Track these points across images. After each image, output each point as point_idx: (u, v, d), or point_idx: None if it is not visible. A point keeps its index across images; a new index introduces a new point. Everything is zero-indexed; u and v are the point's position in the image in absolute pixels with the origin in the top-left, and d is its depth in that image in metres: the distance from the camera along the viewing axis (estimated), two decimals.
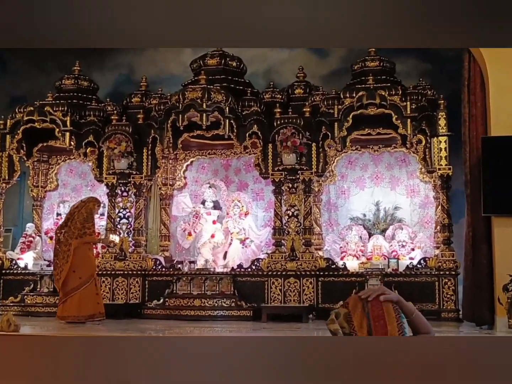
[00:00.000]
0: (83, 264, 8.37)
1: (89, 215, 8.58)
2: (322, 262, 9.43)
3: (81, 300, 8.19)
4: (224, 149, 10.98)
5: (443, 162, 9.15)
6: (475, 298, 7.66)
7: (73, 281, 8.26)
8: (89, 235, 8.51)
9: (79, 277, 8.28)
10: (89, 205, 8.64)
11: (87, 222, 8.50)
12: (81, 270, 8.32)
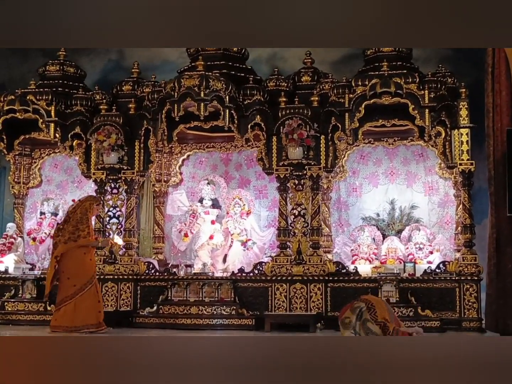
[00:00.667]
0: (78, 271, 8.36)
1: (84, 215, 8.56)
2: (331, 266, 9.45)
3: (76, 309, 8.22)
4: (224, 142, 10.99)
5: (465, 156, 9.16)
6: (499, 306, 7.69)
7: (67, 289, 8.30)
8: (83, 237, 8.47)
9: (74, 285, 8.29)
10: (84, 205, 8.64)
11: (81, 224, 8.50)
12: (76, 277, 8.33)
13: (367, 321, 2.50)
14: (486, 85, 8.03)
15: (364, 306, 2.56)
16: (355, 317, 2.53)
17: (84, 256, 8.47)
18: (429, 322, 8.73)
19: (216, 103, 9.48)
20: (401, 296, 8.93)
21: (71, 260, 8.38)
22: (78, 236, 8.44)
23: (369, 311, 2.54)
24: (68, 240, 8.43)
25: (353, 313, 2.55)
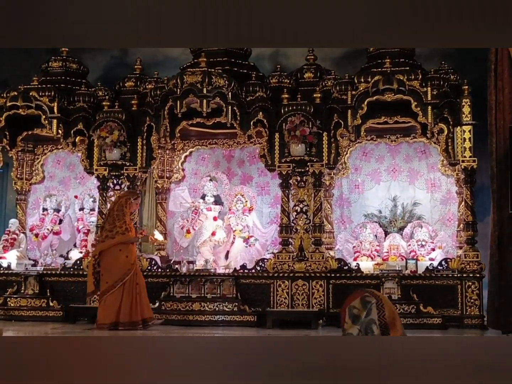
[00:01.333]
0: (110, 267, 8.34)
1: (120, 212, 8.49)
2: (334, 263, 9.44)
3: (105, 307, 8.22)
4: (226, 138, 10.98)
5: (467, 153, 9.15)
6: (501, 303, 7.67)
7: (102, 286, 8.33)
8: (121, 233, 8.39)
9: (106, 282, 8.29)
10: (121, 201, 8.59)
11: (118, 220, 8.43)
12: (108, 274, 8.32)
13: (373, 322, 2.47)
14: (489, 82, 8.00)
15: (374, 303, 2.52)
16: (365, 312, 2.49)
17: (119, 253, 8.37)
18: (431, 319, 8.73)
19: (218, 99, 9.47)
20: (403, 293, 8.92)
21: (106, 257, 8.35)
22: (116, 233, 8.37)
23: (378, 311, 2.51)
24: (105, 238, 8.39)
25: (364, 307, 2.51)
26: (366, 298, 2.53)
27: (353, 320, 2.50)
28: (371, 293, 2.56)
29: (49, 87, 10.54)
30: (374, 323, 2.45)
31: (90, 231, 10.92)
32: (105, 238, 8.40)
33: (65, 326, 9.08)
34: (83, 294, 9.91)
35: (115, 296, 8.23)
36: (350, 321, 2.52)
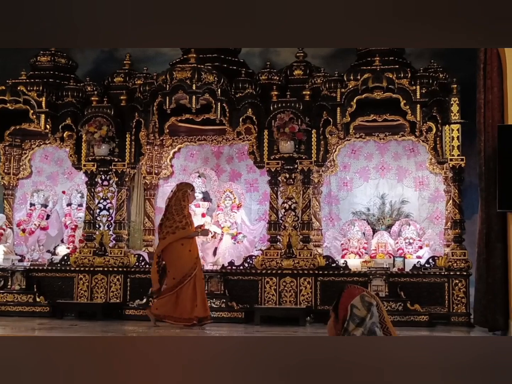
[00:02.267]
0: (176, 263, 8.23)
1: (179, 206, 8.36)
2: (322, 260, 9.45)
3: (178, 301, 8.10)
4: (215, 135, 10.97)
5: (455, 152, 9.17)
6: (488, 301, 7.71)
7: (168, 282, 8.21)
8: (182, 228, 8.27)
9: (173, 278, 8.17)
10: (177, 195, 8.43)
11: (177, 215, 8.31)
12: (174, 270, 8.21)
13: (375, 324, 2.46)
14: (478, 81, 8.03)
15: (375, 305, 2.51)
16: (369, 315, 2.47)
17: (182, 248, 8.26)
18: (418, 316, 8.75)
19: (208, 96, 9.46)
20: (390, 290, 8.94)
21: (170, 253, 8.24)
22: (176, 228, 8.25)
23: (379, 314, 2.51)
24: (166, 234, 8.27)
25: (365, 307, 2.48)
26: (365, 298, 2.50)
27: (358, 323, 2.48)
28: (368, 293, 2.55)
29: (37, 81, 10.48)
30: (376, 326, 2.44)
31: (78, 227, 10.88)
32: (166, 235, 8.26)
33: (52, 321, 9.02)
34: (70, 289, 9.92)
35: (185, 291, 8.13)
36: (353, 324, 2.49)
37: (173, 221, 8.28)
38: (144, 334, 7.74)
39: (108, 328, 8.25)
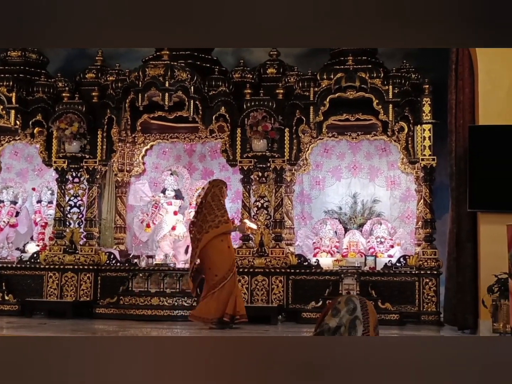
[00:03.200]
0: (217, 260, 8.02)
1: (218, 201, 8.19)
2: (293, 259, 9.46)
3: (218, 300, 7.88)
4: (188, 132, 10.90)
5: (427, 152, 9.23)
6: (458, 300, 7.78)
7: (210, 280, 7.99)
8: (225, 223, 8.10)
9: (215, 275, 7.95)
10: (214, 191, 8.24)
11: (218, 210, 8.11)
12: (215, 267, 7.99)
13: (357, 319, 2.48)
14: (450, 82, 8.10)
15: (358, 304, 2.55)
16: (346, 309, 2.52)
17: (222, 244, 8.07)
18: (388, 315, 8.80)
19: (181, 93, 9.41)
20: (361, 289, 8.96)
21: (209, 249, 8.01)
22: (219, 222, 8.03)
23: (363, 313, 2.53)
24: (209, 228, 8.02)
25: (346, 305, 2.53)
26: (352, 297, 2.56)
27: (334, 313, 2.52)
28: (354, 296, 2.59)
29: (7, 77, 10.32)
30: (358, 319, 2.46)
31: (48, 224, 10.74)
32: (209, 229, 8.00)
33: (21, 320, 8.91)
34: (40, 287, 9.80)
35: (226, 288, 7.96)
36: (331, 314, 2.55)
37: (214, 216, 8.06)
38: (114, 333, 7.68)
39: (78, 327, 8.16)
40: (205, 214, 8.10)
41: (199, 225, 8.08)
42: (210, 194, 8.20)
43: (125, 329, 7.91)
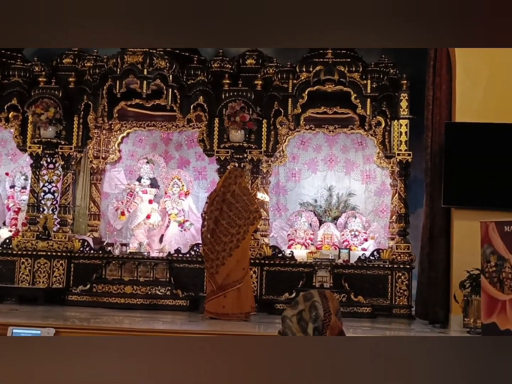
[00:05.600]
0: (246, 252, 8.01)
1: (248, 193, 8.20)
2: (268, 250, 9.48)
3: (246, 293, 7.84)
4: (165, 121, 10.85)
5: (403, 147, 9.29)
6: (429, 294, 7.86)
7: (236, 273, 7.84)
8: (259, 218, 8.15)
9: (243, 268, 7.89)
10: (241, 182, 8.16)
11: (252, 205, 8.03)
12: (244, 260, 7.96)
13: (316, 302, 2.51)
14: (427, 78, 8.15)
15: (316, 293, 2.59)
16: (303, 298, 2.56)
17: (249, 237, 8.14)
18: (361, 308, 8.86)
19: (159, 81, 9.36)
20: (335, 281, 9.01)
21: (246, 242, 7.99)
22: (254, 219, 7.97)
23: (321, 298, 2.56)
24: (247, 224, 7.92)
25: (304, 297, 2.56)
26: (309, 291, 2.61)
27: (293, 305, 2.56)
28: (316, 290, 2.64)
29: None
30: (317, 302, 2.50)
31: (21, 210, 10.65)
32: (248, 225, 7.91)
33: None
34: (12, 273, 9.71)
35: (249, 281, 8.01)
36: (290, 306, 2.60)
37: (249, 212, 7.97)
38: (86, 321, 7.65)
39: (49, 313, 8.11)
40: (238, 208, 7.98)
41: (231, 219, 7.95)
42: (237, 186, 8.11)
43: (98, 316, 7.87)
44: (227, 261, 7.80)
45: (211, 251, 7.92)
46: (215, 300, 7.84)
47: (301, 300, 2.55)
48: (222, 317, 7.74)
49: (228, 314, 7.75)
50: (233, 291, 7.78)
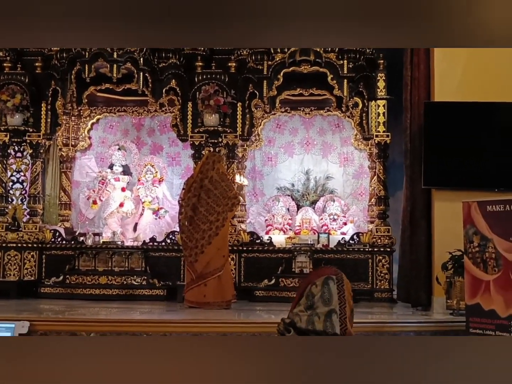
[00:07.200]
0: (225, 239, 8.05)
1: (226, 179, 8.21)
2: (246, 236, 9.52)
3: (226, 281, 7.87)
4: (137, 106, 10.81)
5: (381, 128, 9.36)
6: (411, 277, 7.96)
7: (216, 260, 7.86)
8: (237, 203, 8.24)
9: (223, 255, 7.91)
10: (219, 168, 8.17)
11: (230, 190, 8.08)
12: (224, 247, 7.99)
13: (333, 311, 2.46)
14: (405, 57, 8.19)
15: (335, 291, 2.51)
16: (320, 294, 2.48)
17: (228, 223, 8.18)
18: None
19: (129, 65, 9.30)
20: (314, 267, 9.04)
21: (226, 228, 8.06)
22: (232, 205, 8.05)
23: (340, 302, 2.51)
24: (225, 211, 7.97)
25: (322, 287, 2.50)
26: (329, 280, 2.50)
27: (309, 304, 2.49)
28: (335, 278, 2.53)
29: None
30: (334, 313, 2.44)
31: None
32: (226, 212, 7.97)
33: None
34: None
35: (229, 269, 8.03)
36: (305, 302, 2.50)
37: (228, 199, 8.03)
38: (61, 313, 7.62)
39: (23, 307, 8.06)
40: (216, 195, 8.02)
41: (210, 206, 7.98)
42: (215, 171, 8.13)
43: (73, 308, 7.85)
44: (206, 249, 7.83)
45: (190, 239, 7.93)
46: (196, 289, 7.86)
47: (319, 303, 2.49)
48: (203, 306, 7.77)
49: (210, 302, 7.79)
50: (214, 279, 7.82)
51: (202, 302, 7.82)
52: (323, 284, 2.50)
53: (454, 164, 7.60)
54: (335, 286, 2.52)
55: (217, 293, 7.86)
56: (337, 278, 2.53)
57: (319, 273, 2.57)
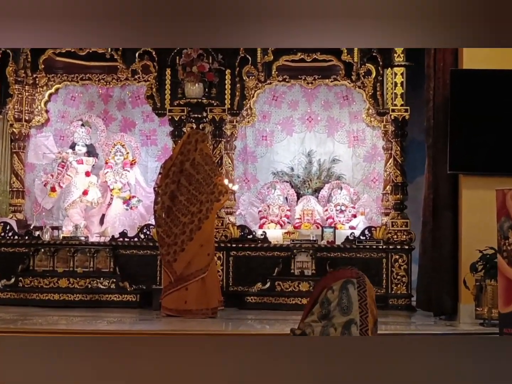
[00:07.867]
0: (210, 234, 8.03)
1: (212, 164, 8.27)
2: (235, 231, 9.53)
3: (211, 285, 7.88)
4: (104, 73, 10.76)
5: (399, 101, 9.36)
6: (433, 279, 7.97)
7: (200, 260, 7.85)
8: (225, 193, 8.21)
9: (207, 254, 7.90)
10: (202, 148, 8.16)
11: (216, 176, 8.12)
12: (209, 244, 7.96)
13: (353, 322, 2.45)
14: None
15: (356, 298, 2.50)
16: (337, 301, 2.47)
17: (214, 217, 8.21)
18: None
19: None
20: (318, 267, 9.09)
21: (209, 223, 8.03)
22: (219, 194, 8.05)
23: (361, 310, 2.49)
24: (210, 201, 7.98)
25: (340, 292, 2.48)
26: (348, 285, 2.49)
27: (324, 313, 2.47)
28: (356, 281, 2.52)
29: None
30: (354, 324, 2.43)
31: None
32: (211, 203, 7.96)
33: None
34: None
35: (215, 270, 8.10)
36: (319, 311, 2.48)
37: (213, 185, 8.05)
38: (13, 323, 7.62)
39: None
40: (198, 180, 8.03)
41: (191, 194, 7.99)
42: (198, 153, 8.13)
43: (26, 317, 7.86)
44: (187, 246, 7.82)
45: (167, 234, 7.93)
46: (175, 294, 7.86)
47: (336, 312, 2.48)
48: (183, 314, 7.78)
49: (191, 310, 7.79)
50: (197, 282, 7.81)
51: (182, 309, 7.82)
52: (341, 289, 2.48)
53: (485, 144, 7.58)
54: (356, 291, 2.49)
55: (200, 299, 7.85)
56: (358, 282, 2.50)
57: (337, 276, 2.53)
